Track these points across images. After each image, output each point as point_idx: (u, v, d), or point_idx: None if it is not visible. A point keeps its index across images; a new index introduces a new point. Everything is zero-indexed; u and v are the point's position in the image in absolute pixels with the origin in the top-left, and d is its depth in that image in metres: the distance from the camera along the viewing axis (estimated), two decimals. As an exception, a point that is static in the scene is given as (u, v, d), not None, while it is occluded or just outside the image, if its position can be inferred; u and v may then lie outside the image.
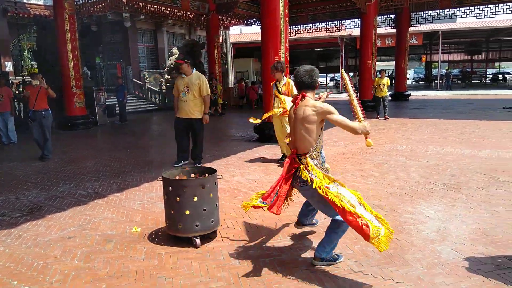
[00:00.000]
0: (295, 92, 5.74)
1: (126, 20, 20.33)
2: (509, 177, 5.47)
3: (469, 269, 3.00)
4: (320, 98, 3.55)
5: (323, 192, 2.83)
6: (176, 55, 18.92)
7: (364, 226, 2.68)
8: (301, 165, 3.02)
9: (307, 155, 3.01)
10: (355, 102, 3.16)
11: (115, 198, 5.14)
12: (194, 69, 6.58)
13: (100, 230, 4.04)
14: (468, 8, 18.19)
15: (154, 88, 20.46)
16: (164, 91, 20.03)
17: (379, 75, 13.00)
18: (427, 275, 2.94)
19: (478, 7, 17.92)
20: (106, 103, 14.57)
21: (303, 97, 3.07)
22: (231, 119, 15.01)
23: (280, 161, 6.88)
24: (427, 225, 3.91)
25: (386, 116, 12.54)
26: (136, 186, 5.63)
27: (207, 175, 3.73)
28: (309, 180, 2.93)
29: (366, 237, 2.69)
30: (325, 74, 39.74)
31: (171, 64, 19.17)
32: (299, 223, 3.78)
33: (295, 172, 3.05)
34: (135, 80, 20.78)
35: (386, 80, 12.64)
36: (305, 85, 3.10)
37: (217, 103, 16.24)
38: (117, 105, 14.94)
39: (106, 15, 19.40)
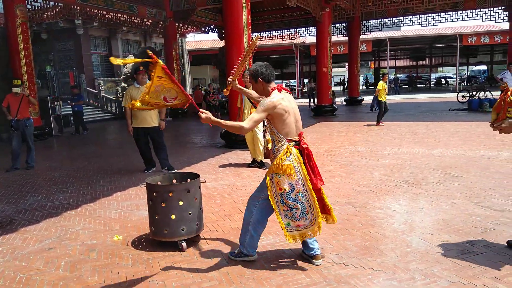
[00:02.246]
0: None
1: (78, 27, 19.78)
2: (462, 172, 5.98)
3: (438, 255, 3.32)
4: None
5: None
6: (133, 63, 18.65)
7: None
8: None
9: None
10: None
11: (88, 208, 5.07)
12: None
13: (80, 240, 4.00)
14: (413, 16, 19.45)
15: (109, 97, 19.99)
16: (120, 99, 19.61)
17: (382, 78, 12.58)
18: (402, 262, 3.22)
19: (423, 15, 19.21)
20: (62, 113, 14.10)
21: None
22: (191, 126, 15.00)
23: (250, 166, 7.05)
24: (395, 218, 4.23)
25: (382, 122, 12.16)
26: (109, 196, 5.58)
27: (189, 180, 3.83)
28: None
29: None
30: (281, 81, 40.53)
31: (128, 71, 18.85)
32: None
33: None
34: (89, 88, 20.21)
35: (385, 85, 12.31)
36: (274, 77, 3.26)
37: (216, 108, 16.36)
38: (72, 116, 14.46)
39: (58, 22, 18.80)
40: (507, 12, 17.72)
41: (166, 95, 2.99)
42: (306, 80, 35.16)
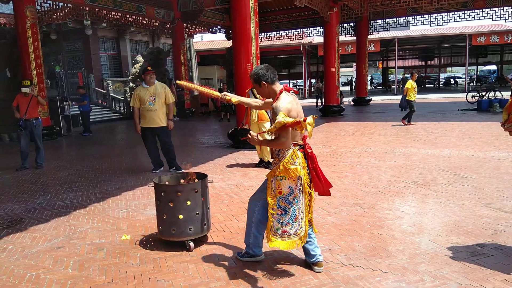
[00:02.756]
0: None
1: (87, 27, 19.90)
2: (471, 173, 5.92)
3: (447, 257, 3.28)
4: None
5: None
6: (141, 63, 18.75)
7: None
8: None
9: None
10: (202, 88, 3.57)
11: (97, 207, 5.11)
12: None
13: (89, 239, 4.03)
14: (422, 16, 19.30)
15: (118, 97, 20.12)
16: (129, 99, 19.72)
17: (410, 77, 12.18)
18: (411, 264, 3.19)
19: (431, 15, 19.06)
20: (71, 113, 14.21)
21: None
22: (198, 126, 15.05)
23: (257, 166, 7.04)
24: (404, 219, 4.20)
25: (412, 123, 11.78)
26: (117, 195, 5.61)
27: (196, 179, 3.83)
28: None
29: None
30: (288, 81, 40.46)
31: (136, 72, 18.95)
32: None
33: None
34: (97, 88, 20.36)
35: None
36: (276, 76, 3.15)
37: (227, 109, 16.40)
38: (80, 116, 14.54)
39: (66, 23, 18.96)
40: (517, 12, 17.52)
41: None
42: (313, 80, 35.08)
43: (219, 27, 20.31)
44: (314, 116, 2.85)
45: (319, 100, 20.07)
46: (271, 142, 2.97)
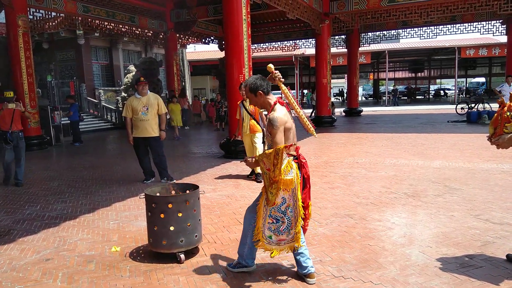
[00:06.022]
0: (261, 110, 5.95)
1: (79, 37, 19.90)
2: (461, 185, 5.98)
3: (437, 269, 3.30)
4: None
5: None
6: (133, 73, 18.73)
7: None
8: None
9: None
10: (304, 116, 3.27)
11: (87, 218, 5.06)
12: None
13: (78, 251, 3.99)
14: (412, 29, 19.63)
15: (110, 106, 20.04)
16: (121, 109, 19.65)
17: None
18: (401, 276, 3.21)
19: (421, 28, 19.40)
20: (62, 123, 14.10)
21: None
22: (191, 136, 15.03)
23: (249, 177, 7.05)
24: (394, 231, 4.22)
25: None
26: (107, 206, 5.56)
27: (188, 191, 3.83)
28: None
29: None
30: (280, 91, 40.64)
31: (128, 81, 18.92)
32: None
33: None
34: (89, 98, 20.27)
35: None
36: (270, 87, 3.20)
37: (222, 119, 16.32)
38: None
39: (59, 32, 18.94)
40: (505, 26, 17.89)
41: None
42: (305, 91, 35.31)
43: (212, 37, 20.44)
44: None
45: (314, 110, 20.09)
46: (267, 152, 2.95)
